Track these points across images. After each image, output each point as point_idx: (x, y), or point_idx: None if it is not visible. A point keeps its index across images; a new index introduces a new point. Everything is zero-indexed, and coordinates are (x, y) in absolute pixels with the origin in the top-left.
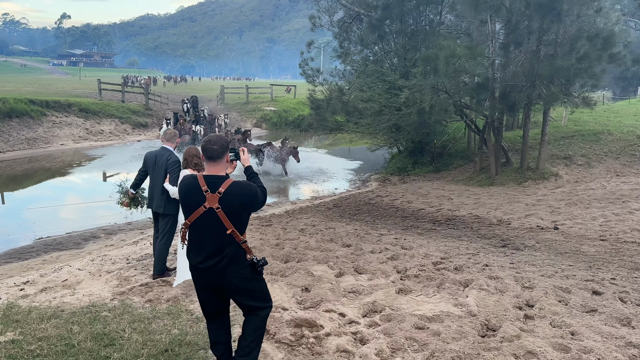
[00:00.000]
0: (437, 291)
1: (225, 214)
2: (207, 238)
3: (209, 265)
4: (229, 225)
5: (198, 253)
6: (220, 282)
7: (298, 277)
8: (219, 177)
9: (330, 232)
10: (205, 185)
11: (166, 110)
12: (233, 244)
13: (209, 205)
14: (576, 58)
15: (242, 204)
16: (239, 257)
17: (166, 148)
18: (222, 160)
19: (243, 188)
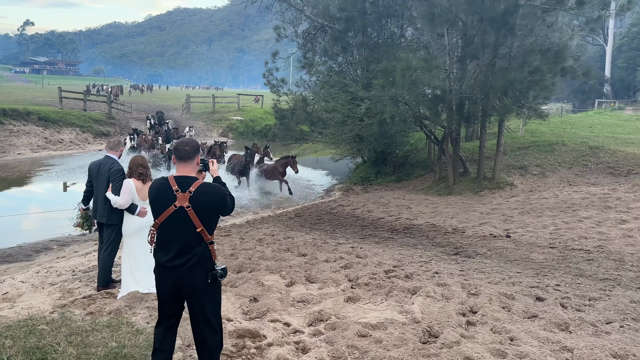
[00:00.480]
0: (385, 299)
1: (195, 212)
2: (177, 237)
3: (177, 264)
4: (198, 224)
5: (167, 252)
6: (187, 281)
7: (248, 287)
8: (190, 177)
9: (288, 241)
10: (175, 185)
11: (129, 119)
12: (202, 243)
13: (179, 204)
14: (529, 71)
15: (211, 203)
16: (207, 258)
17: (109, 157)
18: (192, 161)
19: (213, 188)
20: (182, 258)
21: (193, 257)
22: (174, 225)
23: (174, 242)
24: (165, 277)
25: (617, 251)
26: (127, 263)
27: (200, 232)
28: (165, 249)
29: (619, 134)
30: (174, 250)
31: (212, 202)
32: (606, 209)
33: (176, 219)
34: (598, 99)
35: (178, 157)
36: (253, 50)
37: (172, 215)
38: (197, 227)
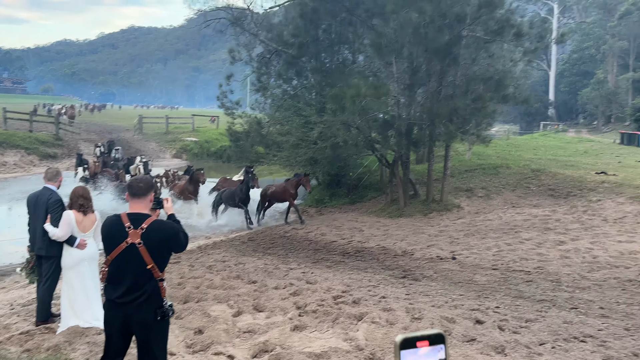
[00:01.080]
0: (331, 326)
1: (147, 249)
2: (128, 273)
3: (127, 300)
4: (149, 261)
5: (117, 288)
6: (137, 317)
7: (193, 318)
8: (142, 214)
9: (239, 267)
10: (128, 222)
11: (78, 141)
12: (152, 280)
13: (131, 240)
14: (471, 99)
15: (163, 239)
16: (156, 295)
17: (48, 188)
18: (146, 198)
19: (165, 225)
20: (132, 294)
21: (143, 294)
22: (125, 262)
23: (125, 279)
24: (115, 313)
25: (555, 272)
26: (67, 296)
27: (151, 268)
28: (115, 285)
29: (561, 156)
30: (124, 286)
31: (165, 239)
32: (546, 231)
33: (127, 256)
34: (543, 122)
35: (131, 193)
36: (209, 70)
37: (124, 252)
38: (148, 264)
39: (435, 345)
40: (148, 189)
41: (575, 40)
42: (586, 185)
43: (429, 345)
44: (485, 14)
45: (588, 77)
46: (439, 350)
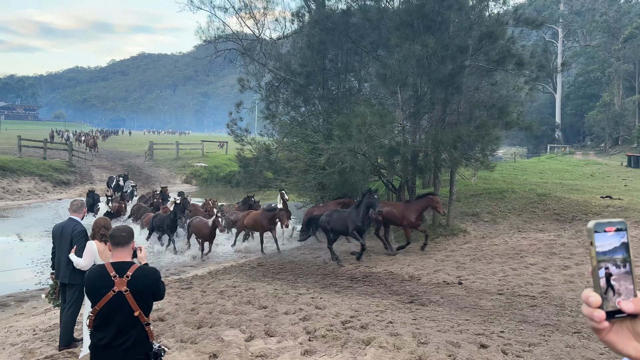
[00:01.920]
0: (340, 350)
1: (133, 296)
2: (115, 320)
3: (113, 345)
4: (135, 308)
5: (105, 335)
6: None
7: (208, 343)
8: (126, 262)
9: (250, 293)
10: (113, 271)
11: (90, 167)
12: (138, 325)
13: (117, 289)
14: (475, 126)
15: (148, 285)
16: (142, 340)
17: (73, 219)
18: (128, 246)
19: (149, 271)
20: (118, 340)
21: (128, 340)
22: (112, 310)
23: (111, 325)
24: (100, 358)
25: (559, 296)
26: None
27: (138, 315)
28: (102, 332)
29: (567, 180)
30: (110, 332)
31: (149, 284)
32: (551, 255)
33: (114, 304)
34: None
35: (114, 243)
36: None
37: (111, 300)
38: (135, 310)
39: (620, 231)
40: (130, 237)
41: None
42: (591, 210)
43: (615, 231)
44: (487, 45)
45: (594, 100)
46: (623, 235)
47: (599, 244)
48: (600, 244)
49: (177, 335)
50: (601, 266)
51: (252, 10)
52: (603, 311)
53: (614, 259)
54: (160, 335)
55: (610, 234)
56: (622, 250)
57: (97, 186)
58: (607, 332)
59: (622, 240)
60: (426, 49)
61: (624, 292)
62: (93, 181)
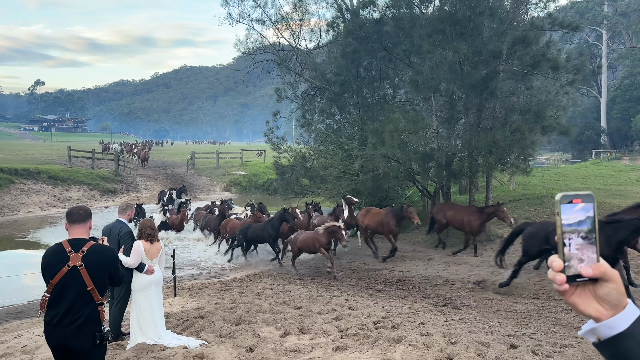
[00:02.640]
0: (370, 348)
1: (87, 271)
2: (68, 296)
3: (64, 323)
4: (89, 283)
5: (56, 311)
6: (73, 342)
7: (245, 338)
8: (83, 239)
9: (286, 294)
10: (69, 247)
11: (136, 176)
12: (91, 304)
13: (72, 263)
14: (510, 131)
15: (103, 262)
16: (94, 319)
17: (120, 220)
18: (85, 224)
19: (105, 249)
20: (69, 317)
21: (81, 317)
22: (66, 285)
23: (63, 301)
24: (52, 337)
25: None
26: (135, 316)
27: (91, 290)
28: (54, 308)
29: (610, 185)
30: (63, 308)
31: (105, 261)
32: None
33: (68, 279)
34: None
35: (71, 220)
36: (257, 105)
37: (65, 276)
38: (88, 285)
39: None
40: (87, 216)
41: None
42: None
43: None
44: (520, 50)
45: None
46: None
47: (565, 217)
48: (566, 216)
49: (216, 331)
50: (566, 236)
51: (289, 22)
52: (564, 275)
53: (578, 230)
54: (201, 331)
55: (577, 206)
56: (587, 222)
57: (142, 194)
58: (571, 295)
59: (587, 214)
60: (458, 55)
61: (586, 259)
62: (138, 189)
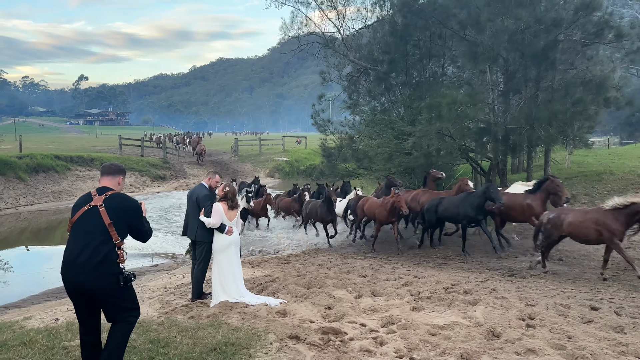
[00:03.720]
0: (447, 308)
1: (106, 210)
2: (86, 234)
3: (80, 262)
4: (106, 219)
5: (73, 249)
6: (89, 281)
7: (321, 298)
8: (109, 188)
9: (347, 266)
10: (95, 192)
11: (183, 164)
12: (109, 242)
13: (93, 203)
14: (572, 102)
15: (124, 208)
16: (113, 260)
17: (202, 185)
18: (115, 177)
19: (129, 198)
20: (87, 253)
21: (97, 255)
22: (84, 222)
23: (82, 239)
24: (67, 275)
25: None
26: (217, 276)
27: (109, 227)
28: (72, 246)
29: None
30: (80, 246)
31: (126, 207)
32: None
33: (87, 216)
34: None
35: (101, 172)
36: (292, 96)
37: (85, 214)
38: (105, 221)
39: None
40: (118, 171)
41: None
42: None
43: None
44: (583, 17)
45: None
46: None
47: None
48: None
49: (291, 292)
50: None
51: (334, 3)
52: None
53: None
54: (276, 292)
55: None
56: None
57: (190, 180)
58: None
59: None
60: (519, 23)
61: None
62: (186, 176)
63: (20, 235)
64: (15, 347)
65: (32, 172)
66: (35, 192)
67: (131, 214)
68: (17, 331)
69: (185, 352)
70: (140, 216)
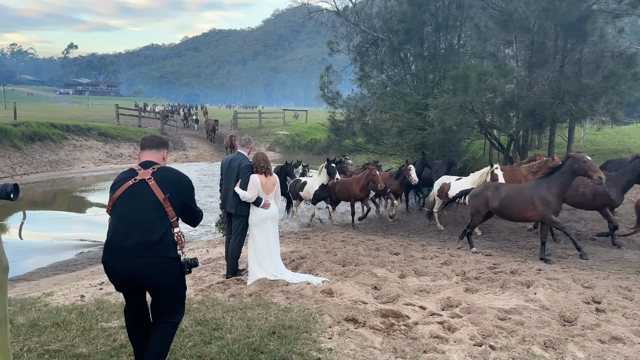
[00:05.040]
0: (502, 290)
1: (158, 184)
2: (135, 211)
3: (130, 244)
4: (160, 194)
5: (119, 229)
6: (143, 268)
7: (363, 277)
8: (153, 162)
9: (371, 243)
10: (138, 167)
11: (181, 135)
12: (165, 222)
13: (140, 177)
14: (602, 76)
15: (177, 180)
16: (169, 243)
17: (241, 153)
18: (158, 151)
19: (180, 172)
20: (137, 235)
21: (154, 234)
22: (131, 197)
23: (129, 217)
24: (117, 261)
25: None
26: (254, 251)
27: (163, 202)
28: (118, 227)
29: None
30: (127, 225)
31: (179, 181)
32: None
33: (134, 190)
34: None
35: (142, 146)
36: (286, 70)
37: (131, 188)
38: (160, 196)
39: None
40: (161, 144)
41: None
42: None
43: None
44: None
45: None
46: None
47: None
48: None
49: (330, 270)
50: None
51: None
52: None
53: None
54: (312, 270)
55: None
56: None
57: (189, 152)
58: None
59: None
60: None
61: None
62: (185, 148)
63: (19, 204)
64: (49, 328)
65: (28, 141)
66: (32, 161)
67: (185, 190)
68: (43, 309)
69: (242, 336)
70: (193, 193)
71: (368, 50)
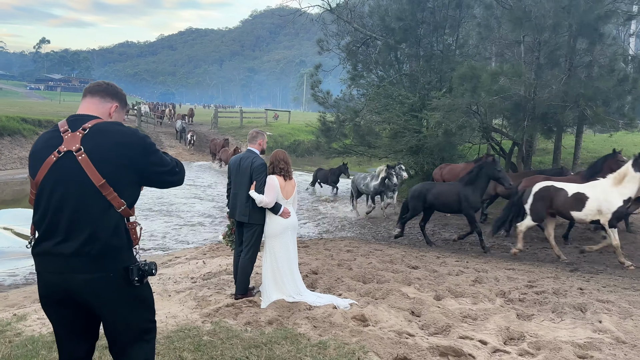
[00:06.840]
0: (558, 316)
1: (92, 160)
2: (66, 204)
3: (66, 252)
4: (96, 177)
5: (49, 232)
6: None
7: (395, 299)
8: (89, 115)
9: (381, 253)
10: (65, 125)
11: (159, 133)
12: (110, 215)
13: (65, 148)
14: (617, 79)
15: (119, 144)
16: (119, 246)
17: (251, 150)
18: (103, 101)
19: (124, 127)
20: (74, 240)
21: (95, 241)
22: (60, 185)
23: (62, 214)
24: (51, 276)
25: None
26: (270, 268)
27: (101, 189)
28: (46, 228)
29: None
30: (62, 227)
31: (122, 145)
32: None
33: (61, 174)
34: None
35: (84, 92)
36: (264, 70)
37: (54, 168)
38: (95, 180)
39: None
40: (112, 94)
41: None
42: None
43: None
44: None
45: None
46: None
47: None
48: None
49: (353, 289)
50: None
51: None
52: None
53: None
54: (332, 288)
55: None
56: None
57: (168, 152)
58: None
59: None
60: None
61: None
62: (163, 146)
63: None
64: None
65: None
66: (0, 157)
67: (138, 154)
68: (15, 340)
69: None
70: (153, 151)
71: (359, 50)
